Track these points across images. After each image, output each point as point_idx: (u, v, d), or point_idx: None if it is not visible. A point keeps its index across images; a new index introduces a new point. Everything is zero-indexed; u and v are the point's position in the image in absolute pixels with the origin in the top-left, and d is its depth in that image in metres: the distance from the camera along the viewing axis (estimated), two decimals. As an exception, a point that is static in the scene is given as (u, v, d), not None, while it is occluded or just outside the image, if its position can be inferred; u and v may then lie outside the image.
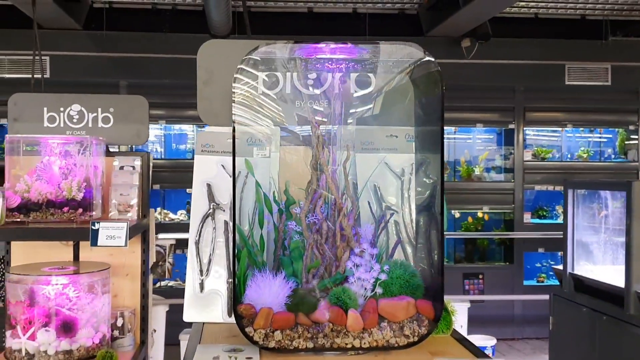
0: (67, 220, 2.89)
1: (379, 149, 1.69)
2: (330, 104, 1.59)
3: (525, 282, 7.14)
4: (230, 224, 1.71)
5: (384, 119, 1.69)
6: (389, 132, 1.70)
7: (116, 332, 3.14)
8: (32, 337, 2.80)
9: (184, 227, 6.88)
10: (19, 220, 2.86)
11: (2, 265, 5.21)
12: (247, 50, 1.54)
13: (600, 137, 7.74)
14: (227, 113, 1.76)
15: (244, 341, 1.49)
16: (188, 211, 7.24)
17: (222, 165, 1.75)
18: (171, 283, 7.08)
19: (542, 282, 7.22)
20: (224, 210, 1.73)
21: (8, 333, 2.87)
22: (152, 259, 3.49)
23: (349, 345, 1.44)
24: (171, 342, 6.30)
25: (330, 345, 1.43)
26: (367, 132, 1.69)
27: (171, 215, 7.16)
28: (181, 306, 6.03)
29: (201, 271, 1.70)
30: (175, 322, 6.51)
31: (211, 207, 1.73)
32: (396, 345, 1.45)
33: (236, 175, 1.49)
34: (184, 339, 6.32)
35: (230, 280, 1.65)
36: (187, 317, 1.68)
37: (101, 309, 2.97)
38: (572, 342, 3.77)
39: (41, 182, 2.85)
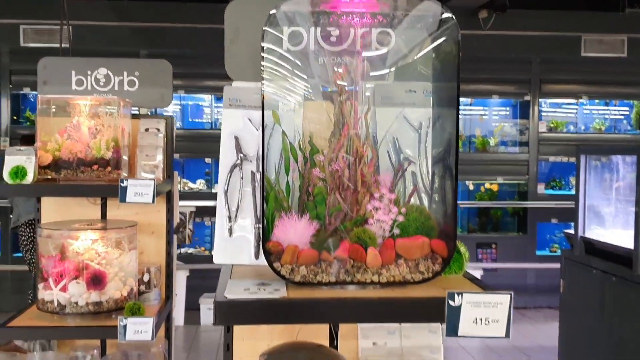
0: (96, 178, 3.02)
1: (398, 103, 1.79)
2: (352, 59, 1.68)
3: (538, 252, 7.23)
4: (257, 174, 1.82)
5: (403, 75, 1.78)
6: (408, 88, 1.79)
7: (143, 287, 3.29)
8: (64, 289, 2.95)
9: (203, 195, 7.05)
10: (50, 177, 3.00)
11: (32, 228, 5.38)
12: (272, 7, 1.64)
13: (616, 111, 7.75)
14: (252, 69, 1.87)
15: (270, 279, 1.62)
16: (207, 181, 7.39)
17: (249, 119, 1.85)
18: (191, 250, 7.26)
19: (555, 252, 7.31)
20: (250, 161, 1.83)
21: (40, 285, 3.02)
22: (176, 219, 3.63)
23: (368, 280, 1.55)
24: (191, 307, 6.49)
25: (351, 280, 1.55)
26: (387, 87, 1.78)
27: (190, 185, 7.31)
28: (200, 272, 6.28)
29: (229, 218, 1.81)
30: (195, 288, 6.72)
31: (239, 158, 1.83)
32: (412, 280, 1.56)
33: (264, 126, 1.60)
34: (203, 303, 6.51)
35: (257, 225, 1.76)
36: (216, 260, 1.79)
37: (128, 264, 3.12)
38: (582, 304, 3.88)
39: (71, 142, 2.98)
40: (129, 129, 3.21)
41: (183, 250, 7.24)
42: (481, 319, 1.45)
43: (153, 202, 2.86)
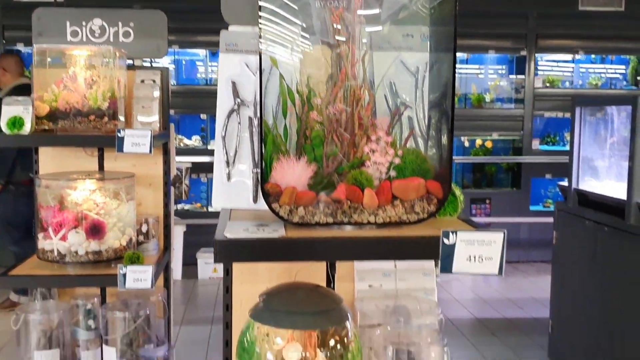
0: (93, 129, 3.03)
1: (396, 47, 1.79)
2: (349, 2, 1.68)
3: (532, 208, 7.30)
4: (255, 120, 1.84)
5: (400, 19, 1.78)
6: (405, 32, 1.79)
7: (141, 238, 3.33)
8: (63, 239, 2.98)
9: (199, 151, 7.06)
10: (47, 128, 3.01)
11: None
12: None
13: (612, 69, 7.73)
14: (249, 12, 1.87)
15: (269, 221, 1.65)
16: (202, 137, 7.38)
17: (246, 64, 1.86)
18: (187, 207, 7.29)
19: (548, 207, 7.38)
20: (248, 107, 1.84)
21: (40, 235, 3.06)
22: (173, 170, 3.65)
23: (365, 221, 1.58)
24: (189, 262, 6.56)
25: (348, 220, 1.58)
26: (385, 30, 1.78)
27: (186, 141, 7.31)
28: (197, 227, 6.31)
29: (227, 162, 1.84)
30: (192, 244, 6.78)
31: (236, 103, 1.84)
32: (407, 221, 1.59)
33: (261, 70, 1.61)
34: (200, 258, 6.58)
35: (255, 170, 1.79)
36: (215, 204, 1.82)
37: (127, 215, 3.15)
38: (574, 255, 3.94)
39: (68, 92, 2.97)
40: (124, 80, 3.20)
41: (180, 206, 7.28)
42: (475, 257, 1.49)
43: (150, 152, 2.88)
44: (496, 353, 4.43)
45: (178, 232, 6.48)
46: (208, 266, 6.62)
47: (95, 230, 3.02)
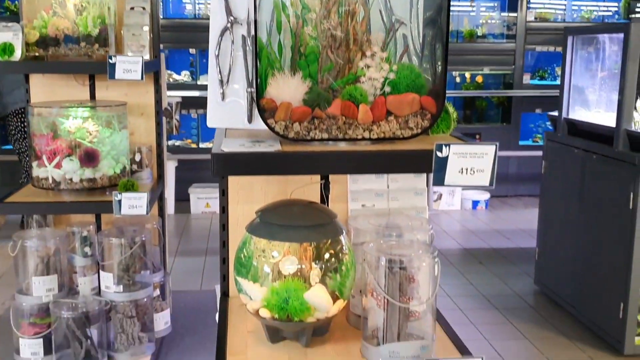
0: (84, 56, 3.00)
1: (389, -37, 1.77)
2: None
3: (521, 142, 7.35)
4: (248, 38, 1.83)
5: None
6: (399, -53, 1.77)
7: (135, 167, 3.35)
8: (58, 166, 3.00)
9: (188, 86, 7.01)
10: (38, 55, 2.98)
11: (20, 118, 5.36)
12: None
13: (605, 7, 7.65)
14: None
15: (264, 138, 1.68)
16: (192, 73, 7.32)
17: (239, -19, 1.84)
18: (178, 143, 7.29)
19: (538, 142, 7.43)
20: (241, 25, 1.83)
21: (34, 164, 3.07)
22: (165, 101, 3.64)
23: (360, 137, 1.61)
24: (181, 198, 6.61)
25: (343, 136, 1.60)
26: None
27: (175, 76, 7.24)
28: (189, 163, 6.33)
29: (221, 82, 1.84)
30: (184, 180, 6.80)
31: (229, 21, 1.83)
32: (401, 136, 1.62)
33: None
34: (192, 193, 6.62)
35: (249, 89, 1.79)
36: (210, 123, 1.83)
37: (120, 143, 3.16)
38: (562, 184, 4.00)
39: (57, 18, 2.94)
40: (114, 7, 3.16)
41: (170, 142, 7.27)
42: (467, 169, 1.52)
43: (142, 78, 2.87)
44: (483, 280, 4.55)
45: (170, 168, 6.50)
46: (200, 201, 6.67)
47: (89, 158, 3.03)
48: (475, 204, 6.77)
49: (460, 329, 2.03)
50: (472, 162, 1.52)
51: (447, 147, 1.51)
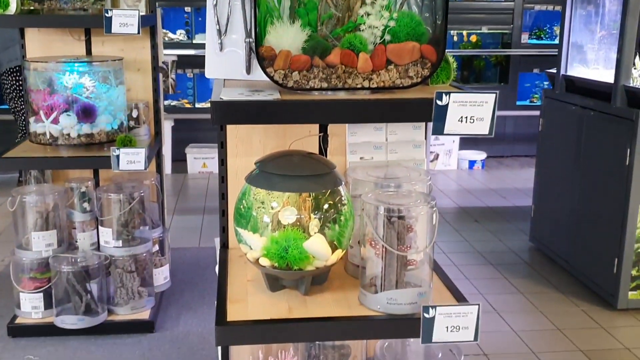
0: (79, 9, 2.97)
1: None
2: None
3: (519, 102, 7.33)
4: (246, -13, 1.81)
5: None
6: None
7: (132, 123, 3.34)
8: (55, 121, 3.00)
9: (184, 45, 6.94)
10: (33, 8, 2.94)
11: (15, 76, 5.31)
12: None
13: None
14: None
15: (264, 88, 1.67)
16: (187, 32, 7.24)
17: None
18: (174, 103, 7.24)
19: (535, 102, 7.41)
20: (239, -26, 1.81)
21: (32, 119, 3.06)
22: (161, 57, 3.61)
23: (359, 86, 1.61)
24: (178, 159, 6.61)
25: (343, 85, 1.60)
26: None
27: (170, 35, 7.16)
28: (185, 123, 6.30)
29: (219, 32, 1.82)
30: (180, 140, 6.78)
31: (227, -30, 1.81)
32: (401, 85, 1.62)
33: None
34: (189, 153, 6.62)
35: (248, 40, 1.78)
36: (208, 74, 1.82)
37: (117, 99, 3.15)
38: (559, 140, 4.01)
39: (51, -30, 2.89)
40: (109, -41, 3.11)
41: (166, 102, 7.23)
42: (466, 118, 1.53)
43: (138, 32, 2.85)
44: (478, 237, 4.59)
45: (166, 128, 6.48)
46: (197, 161, 6.67)
47: (87, 113, 3.02)
48: (471, 164, 6.79)
49: (455, 283, 2.06)
50: (472, 111, 1.53)
51: (447, 96, 1.51)
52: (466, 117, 1.53)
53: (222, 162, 2.09)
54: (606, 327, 3.30)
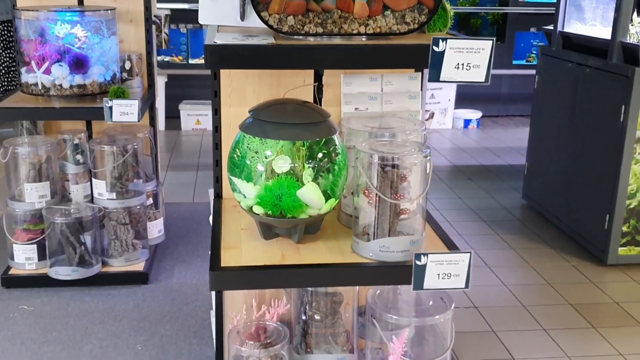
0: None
1: None
2: None
3: (515, 62, 7.28)
4: None
5: None
6: None
7: (125, 75, 3.30)
8: (47, 72, 2.96)
9: (177, -1, 6.82)
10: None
11: (6, 27, 5.23)
12: None
13: None
14: None
15: (258, 33, 1.65)
16: (180, -16, 7.11)
17: None
18: (167, 58, 7.16)
19: (531, 62, 7.36)
20: None
21: (23, 69, 3.03)
22: (154, 8, 3.55)
23: (355, 31, 1.59)
24: (171, 115, 6.56)
25: (338, 30, 1.58)
26: None
27: (163, -12, 7.02)
28: (178, 79, 6.20)
29: (214, -23, 1.79)
30: (174, 97, 6.72)
31: None
32: (397, 31, 1.60)
33: None
34: (183, 110, 6.58)
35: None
36: (202, 20, 1.79)
37: (110, 50, 3.11)
38: (555, 98, 4.00)
39: None
40: None
41: (159, 58, 7.15)
42: (463, 64, 1.52)
43: (131, -19, 2.79)
44: (472, 195, 4.61)
45: (159, 83, 6.42)
46: (191, 118, 6.63)
47: (79, 63, 2.99)
48: (466, 123, 6.77)
49: (448, 236, 2.07)
50: (468, 58, 1.51)
51: (444, 42, 1.50)
52: (462, 64, 1.52)
53: (216, 111, 2.07)
54: (596, 281, 3.34)
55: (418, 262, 1.63)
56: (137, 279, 3.13)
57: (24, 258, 3.08)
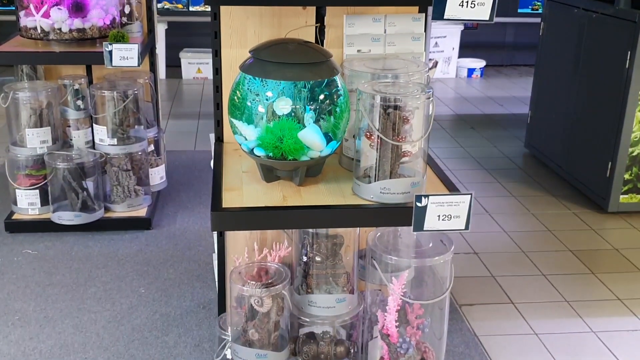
0: None
1: None
2: None
3: (520, 10, 7.16)
4: None
5: None
6: None
7: (125, 19, 3.26)
8: (46, 15, 2.92)
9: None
10: None
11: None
12: None
13: None
14: None
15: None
16: None
17: None
18: (167, 5, 7.05)
19: (536, 9, 7.24)
20: None
21: (22, 13, 2.99)
22: (152, -48, 3.47)
23: (357, -32, 1.56)
24: (172, 64, 6.50)
25: (340, -33, 1.55)
26: None
27: None
28: (179, 26, 6.12)
29: None
30: (174, 45, 6.65)
31: None
32: (401, -31, 1.57)
33: None
34: (184, 58, 6.52)
35: None
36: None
37: (108, -7, 3.05)
38: (560, 45, 3.95)
39: None
40: None
41: (160, 5, 7.05)
42: (467, 2, 1.49)
43: None
44: (474, 143, 4.60)
45: (160, 31, 6.34)
46: (192, 66, 6.57)
47: (78, 7, 2.95)
48: (470, 72, 6.71)
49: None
50: (472, -5, 1.49)
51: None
52: (467, 2, 1.49)
53: (216, 53, 2.05)
54: (596, 229, 3.36)
55: (419, 204, 1.63)
56: (140, 224, 3.15)
57: (27, 203, 3.09)
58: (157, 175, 3.42)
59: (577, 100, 3.75)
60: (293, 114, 1.72)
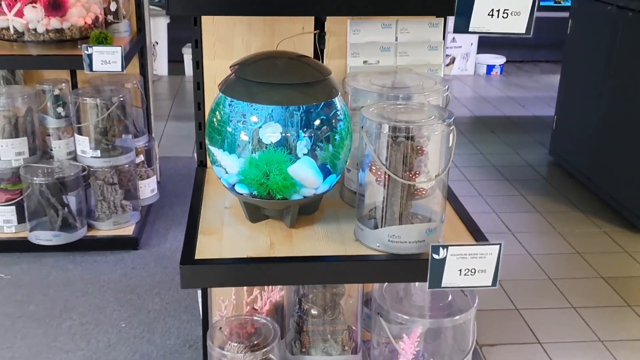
0: None
1: None
2: None
3: (543, 3, 6.80)
4: None
5: None
6: None
7: (111, 17, 2.97)
8: (19, 14, 2.64)
9: None
10: None
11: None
12: None
13: None
14: None
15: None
16: None
17: None
18: (171, -3, 6.76)
19: (560, 2, 6.88)
20: None
21: (-6, 11, 2.69)
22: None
23: (361, -32, 1.25)
24: (174, 59, 6.21)
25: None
26: None
27: None
28: (181, 20, 5.78)
29: None
30: (178, 40, 6.34)
31: None
32: (415, -32, 1.26)
33: None
34: (187, 54, 6.22)
35: None
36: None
37: (91, -11, 2.76)
38: (589, 45, 3.62)
39: None
40: None
41: (163, -3, 6.76)
42: (497, 11, 1.18)
43: None
44: (494, 150, 4.27)
45: (162, 25, 6.06)
46: (196, 62, 6.28)
47: (55, 5, 2.66)
48: (489, 69, 6.36)
49: (466, 201, 1.77)
50: (506, 2, 1.17)
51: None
52: (497, 11, 1.18)
53: (197, 65, 1.76)
54: (631, 251, 3.03)
55: (436, 256, 1.33)
56: (126, 244, 2.87)
57: (2, 220, 2.82)
58: (148, 188, 3.14)
59: (609, 105, 3.42)
60: (283, 142, 1.42)
